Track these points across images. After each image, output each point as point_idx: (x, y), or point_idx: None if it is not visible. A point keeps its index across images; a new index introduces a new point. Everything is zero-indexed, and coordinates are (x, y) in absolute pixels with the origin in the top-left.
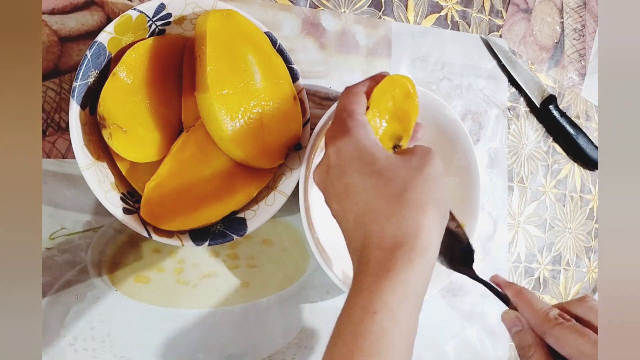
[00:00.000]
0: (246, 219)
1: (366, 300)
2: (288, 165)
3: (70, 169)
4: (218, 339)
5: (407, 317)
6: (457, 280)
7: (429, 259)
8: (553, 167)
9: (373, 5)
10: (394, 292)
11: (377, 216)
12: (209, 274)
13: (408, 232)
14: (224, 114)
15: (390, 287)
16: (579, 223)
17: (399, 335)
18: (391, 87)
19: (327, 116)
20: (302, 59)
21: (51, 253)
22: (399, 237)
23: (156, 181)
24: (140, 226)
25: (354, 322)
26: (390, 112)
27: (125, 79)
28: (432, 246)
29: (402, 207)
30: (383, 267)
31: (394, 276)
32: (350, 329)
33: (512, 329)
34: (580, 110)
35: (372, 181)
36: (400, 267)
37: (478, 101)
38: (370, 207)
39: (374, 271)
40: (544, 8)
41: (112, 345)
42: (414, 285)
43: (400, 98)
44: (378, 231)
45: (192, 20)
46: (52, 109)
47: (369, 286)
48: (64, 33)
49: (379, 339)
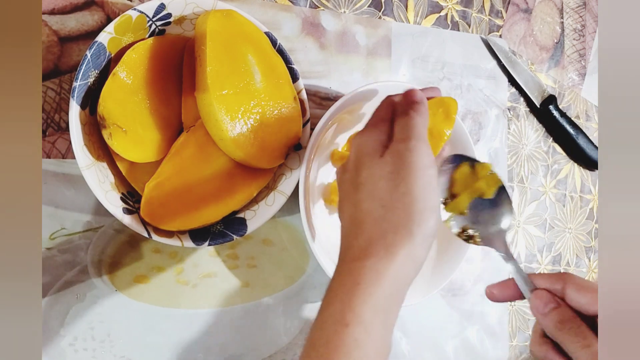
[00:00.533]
0: (246, 219)
1: (338, 312)
2: (288, 165)
3: (70, 169)
4: (218, 339)
5: (379, 333)
6: (457, 280)
7: (398, 271)
8: (553, 167)
9: (373, 5)
10: (364, 305)
11: (357, 230)
12: (209, 274)
13: (378, 246)
14: (224, 114)
15: (361, 300)
16: (579, 223)
17: (372, 349)
18: (436, 106)
19: (327, 116)
20: (302, 59)
21: (51, 253)
22: (369, 249)
23: (156, 181)
24: (140, 226)
25: (328, 334)
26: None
27: (125, 79)
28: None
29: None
30: (354, 278)
31: (363, 288)
32: (324, 340)
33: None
34: (580, 110)
35: (358, 194)
36: (370, 278)
37: (478, 101)
38: (355, 221)
39: (345, 283)
40: (544, 8)
41: (112, 345)
42: (383, 298)
43: (440, 118)
44: (355, 244)
45: (192, 20)
46: (52, 109)
47: (342, 298)
48: (64, 33)
49: (352, 351)
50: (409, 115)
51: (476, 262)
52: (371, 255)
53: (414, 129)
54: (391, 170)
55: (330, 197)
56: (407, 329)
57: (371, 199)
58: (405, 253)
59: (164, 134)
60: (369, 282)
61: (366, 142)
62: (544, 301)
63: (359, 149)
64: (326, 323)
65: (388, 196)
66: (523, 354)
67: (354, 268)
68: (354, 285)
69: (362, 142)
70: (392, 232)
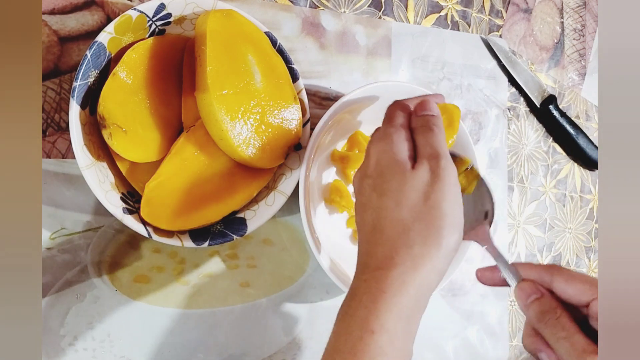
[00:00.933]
0: (246, 219)
1: (363, 318)
2: (288, 165)
3: (70, 169)
4: (218, 339)
5: (402, 340)
6: (457, 280)
7: (422, 282)
8: (553, 167)
9: (373, 5)
10: (389, 313)
11: (380, 237)
12: (209, 274)
13: (404, 255)
14: (224, 114)
15: (386, 308)
16: (579, 223)
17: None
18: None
19: (327, 116)
20: (302, 59)
21: (51, 253)
22: (395, 258)
23: (156, 181)
24: (140, 226)
25: (353, 340)
26: None
27: (125, 79)
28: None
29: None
30: (379, 287)
31: (388, 297)
32: (349, 346)
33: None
34: (580, 110)
35: (384, 201)
36: (396, 288)
37: (478, 101)
38: (377, 227)
39: (371, 290)
40: (544, 8)
41: (112, 345)
42: (407, 307)
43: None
44: (379, 251)
45: (192, 20)
46: (52, 109)
47: (367, 305)
48: (64, 33)
49: (376, 358)
50: (432, 132)
51: (476, 262)
52: (397, 264)
53: (441, 146)
54: (425, 184)
55: (330, 197)
56: None
57: (399, 208)
58: (431, 265)
59: (164, 134)
60: (394, 291)
61: (392, 150)
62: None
63: (384, 156)
64: (351, 328)
65: (418, 208)
66: (523, 354)
67: (379, 276)
68: (380, 293)
69: (387, 150)
70: (419, 243)
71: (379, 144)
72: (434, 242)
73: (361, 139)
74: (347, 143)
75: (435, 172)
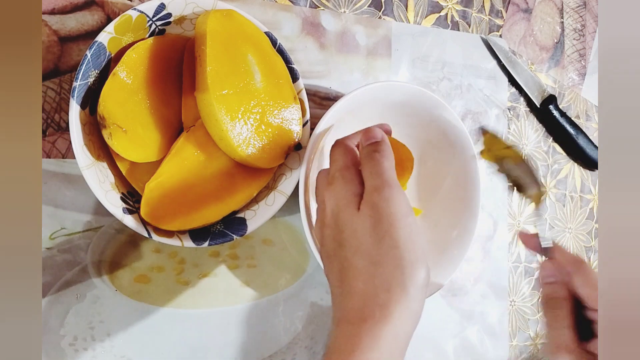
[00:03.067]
0: (246, 219)
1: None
2: (288, 165)
3: (70, 169)
4: (218, 339)
5: None
6: (457, 280)
7: (395, 331)
8: (553, 167)
9: (373, 5)
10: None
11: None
12: (209, 274)
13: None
14: (224, 114)
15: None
16: (579, 223)
17: None
18: None
19: (327, 116)
20: (302, 59)
21: (51, 253)
22: (363, 311)
23: (156, 181)
24: (140, 226)
25: None
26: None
27: (125, 79)
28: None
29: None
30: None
31: (359, 355)
32: None
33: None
34: (580, 110)
35: (343, 251)
36: (366, 344)
37: (478, 101)
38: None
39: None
40: (544, 8)
41: (112, 345)
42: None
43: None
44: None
45: (192, 20)
46: (52, 109)
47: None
48: (64, 33)
49: None
50: (374, 159)
51: (476, 262)
52: (367, 317)
53: (384, 175)
54: (371, 224)
55: None
56: None
57: (358, 255)
58: (401, 309)
59: (164, 134)
60: (365, 347)
61: (338, 196)
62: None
63: (334, 204)
64: None
65: (375, 252)
66: (523, 354)
67: (350, 332)
68: (350, 353)
69: (335, 196)
70: (384, 289)
71: (329, 192)
72: (398, 285)
73: None
74: None
75: (377, 208)
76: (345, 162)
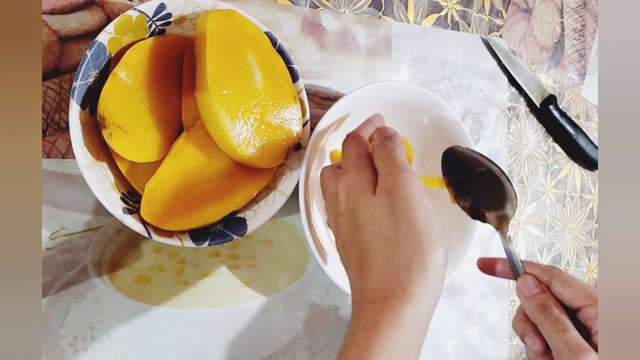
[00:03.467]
0: (246, 219)
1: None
2: (288, 165)
3: (70, 169)
4: (218, 339)
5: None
6: (457, 280)
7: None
8: (553, 167)
9: (373, 5)
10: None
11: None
12: (209, 274)
13: (394, 286)
14: (224, 114)
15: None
16: (579, 223)
17: None
18: None
19: (327, 116)
20: (302, 59)
21: (51, 253)
22: (385, 291)
23: (156, 181)
24: (140, 226)
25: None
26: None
27: (125, 79)
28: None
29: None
30: (373, 322)
31: (382, 332)
32: None
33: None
34: (580, 110)
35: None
36: (389, 321)
37: (478, 101)
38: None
39: (363, 326)
40: (544, 8)
41: (112, 345)
42: (402, 341)
43: None
44: (370, 286)
45: (192, 20)
46: (52, 109)
47: (359, 343)
48: (64, 33)
49: None
50: (387, 147)
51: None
52: (390, 297)
53: (398, 160)
54: (389, 206)
55: None
56: None
57: (377, 238)
58: (422, 289)
59: (164, 134)
60: (388, 324)
61: (353, 183)
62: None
63: (348, 192)
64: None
65: (393, 233)
66: (523, 354)
67: (372, 310)
68: (372, 328)
69: (349, 184)
70: (405, 270)
71: (342, 181)
72: (418, 265)
73: None
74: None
75: (393, 191)
76: (358, 152)
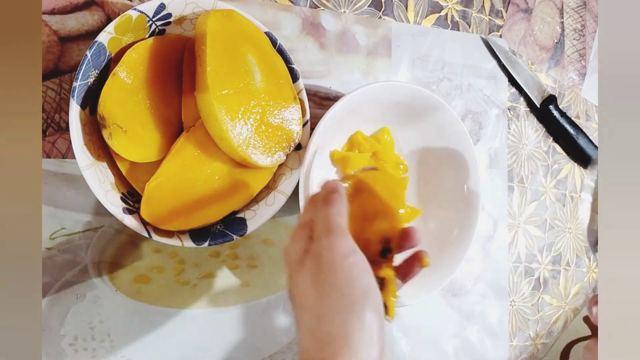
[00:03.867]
0: (246, 219)
1: None
2: (288, 165)
3: (70, 169)
4: (218, 339)
5: None
6: (457, 280)
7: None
8: (553, 167)
9: (373, 5)
10: None
11: (300, 342)
12: (209, 274)
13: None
14: (224, 114)
15: None
16: (579, 223)
17: None
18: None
19: (327, 116)
20: (302, 59)
21: (51, 253)
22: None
23: (156, 181)
24: (140, 226)
25: None
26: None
27: (125, 79)
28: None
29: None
30: None
31: None
32: None
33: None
34: (580, 110)
35: (293, 305)
36: None
37: (478, 101)
38: (299, 337)
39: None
40: (544, 8)
41: (112, 345)
42: None
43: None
44: (300, 356)
45: (192, 20)
46: (52, 109)
47: None
48: (64, 33)
49: None
50: (320, 209)
51: (476, 262)
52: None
53: (328, 223)
54: (312, 274)
55: None
56: (407, 329)
57: (303, 310)
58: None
59: (164, 134)
60: None
61: (289, 253)
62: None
63: (285, 262)
64: None
65: (317, 303)
66: (523, 354)
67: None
68: None
69: (286, 254)
70: (327, 343)
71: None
72: (341, 335)
73: (361, 139)
74: (347, 143)
75: (318, 257)
76: (303, 219)
